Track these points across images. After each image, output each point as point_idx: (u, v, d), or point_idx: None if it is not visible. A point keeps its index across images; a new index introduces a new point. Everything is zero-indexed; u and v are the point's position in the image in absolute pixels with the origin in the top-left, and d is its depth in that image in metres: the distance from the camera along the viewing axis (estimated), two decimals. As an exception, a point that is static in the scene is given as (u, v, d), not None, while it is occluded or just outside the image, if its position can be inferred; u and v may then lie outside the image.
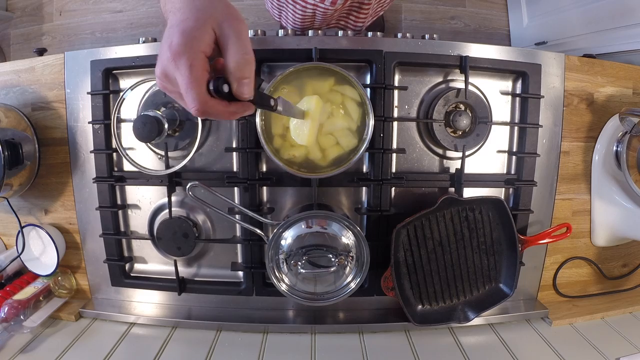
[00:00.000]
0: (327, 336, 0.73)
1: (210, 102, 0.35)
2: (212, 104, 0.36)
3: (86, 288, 0.80)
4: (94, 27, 1.72)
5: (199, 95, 0.34)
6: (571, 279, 0.84)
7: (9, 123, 0.72)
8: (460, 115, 0.69)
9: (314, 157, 0.64)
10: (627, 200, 0.79)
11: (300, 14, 0.86)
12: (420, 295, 0.73)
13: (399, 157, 0.73)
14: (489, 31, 1.71)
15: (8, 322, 0.67)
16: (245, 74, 0.36)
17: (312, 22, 0.90)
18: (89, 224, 0.77)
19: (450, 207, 0.70)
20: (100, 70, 0.70)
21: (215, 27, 0.35)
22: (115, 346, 0.69)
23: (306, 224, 0.64)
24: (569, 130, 0.78)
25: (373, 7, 0.89)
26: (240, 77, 0.36)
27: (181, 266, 0.76)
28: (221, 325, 0.74)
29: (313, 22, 0.91)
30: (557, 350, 0.69)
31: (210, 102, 0.35)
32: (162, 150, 0.71)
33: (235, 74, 0.36)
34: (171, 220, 0.72)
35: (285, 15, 0.92)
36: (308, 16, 0.86)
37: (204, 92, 0.35)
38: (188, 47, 0.34)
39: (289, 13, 0.89)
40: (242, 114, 0.39)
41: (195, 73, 0.34)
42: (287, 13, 0.90)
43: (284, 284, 0.65)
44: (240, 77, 0.36)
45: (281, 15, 0.95)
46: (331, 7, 0.80)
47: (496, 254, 0.74)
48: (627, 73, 0.80)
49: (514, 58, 0.73)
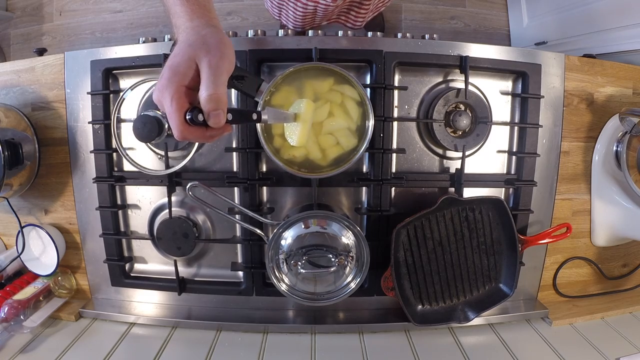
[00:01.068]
0: (327, 336, 0.73)
1: (189, 129, 0.41)
2: (190, 131, 0.41)
3: (86, 288, 0.80)
4: (94, 27, 1.72)
5: (178, 124, 0.40)
6: (571, 279, 0.84)
7: (9, 123, 0.72)
8: (460, 115, 0.69)
9: (314, 157, 0.64)
10: (627, 200, 0.79)
11: (301, 12, 0.86)
12: (420, 295, 0.73)
13: (399, 157, 0.73)
14: (489, 31, 1.71)
15: (8, 322, 0.68)
16: (213, 107, 0.40)
17: (312, 19, 0.90)
18: (89, 224, 0.77)
19: (450, 207, 0.70)
20: (100, 70, 0.70)
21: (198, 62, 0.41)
22: (115, 346, 0.69)
23: (306, 224, 0.64)
24: (569, 130, 0.78)
25: (374, 2, 0.89)
26: (209, 109, 0.40)
27: (181, 266, 0.76)
28: (221, 325, 0.74)
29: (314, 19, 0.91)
30: (557, 350, 0.69)
31: (189, 129, 0.41)
32: (162, 150, 0.71)
33: (205, 107, 0.40)
34: (171, 220, 0.72)
35: (286, 14, 0.92)
36: (309, 13, 0.87)
37: (182, 122, 0.40)
38: (172, 82, 0.40)
39: (290, 11, 0.89)
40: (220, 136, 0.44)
41: (174, 105, 0.39)
42: (287, 11, 0.90)
43: (284, 284, 0.65)
44: (209, 110, 0.40)
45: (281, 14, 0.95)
46: (332, 3, 0.80)
47: (496, 254, 0.74)
48: (627, 73, 0.80)
49: (514, 58, 0.73)
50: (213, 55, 0.41)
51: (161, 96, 0.40)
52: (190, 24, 0.44)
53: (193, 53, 0.41)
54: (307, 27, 0.95)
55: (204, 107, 0.41)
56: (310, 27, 0.96)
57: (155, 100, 0.42)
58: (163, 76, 0.40)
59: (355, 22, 0.95)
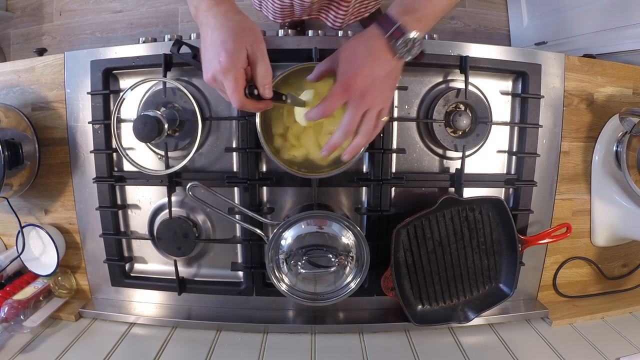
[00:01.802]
0: (327, 336, 0.73)
1: (247, 101, 0.50)
2: (247, 102, 0.50)
3: (86, 288, 0.80)
4: (94, 27, 1.72)
5: (240, 98, 0.49)
6: (571, 279, 0.84)
7: (9, 123, 0.72)
8: (460, 115, 0.69)
9: (314, 157, 0.64)
10: (627, 200, 0.79)
11: (279, 5, 0.89)
12: (420, 295, 0.73)
13: (399, 157, 0.73)
14: (489, 31, 1.71)
15: (8, 322, 0.67)
16: (267, 82, 0.50)
17: (291, 13, 0.93)
18: (89, 224, 0.77)
19: (450, 207, 0.70)
20: (100, 70, 0.70)
21: (249, 49, 0.48)
22: (115, 346, 0.69)
23: (306, 224, 0.64)
24: (569, 130, 0.78)
25: (353, 5, 0.89)
26: (264, 84, 0.50)
27: (181, 266, 0.76)
28: (221, 325, 0.74)
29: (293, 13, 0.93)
30: (557, 350, 0.69)
31: (246, 101, 0.50)
32: (162, 150, 0.71)
33: (261, 82, 0.50)
34: (171, 220, 0.72)
35: (266, 6, 0.96)
36: (286, 7, 0.89)
37: (243, 96, 0.49)
38: (233, 65, 0.47)
39: (269, 3, 0.92)
40: (265, 108, 0.53)
41: (239, 84, 0.48)
42: (267, 3, 0.94)
43: (284, 284, 0.65)
44: (264, 84, 0.50)
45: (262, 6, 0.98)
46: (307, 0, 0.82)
47: (496, 254, 0.74)
48: (627, 73, 0.80)
49: (514, 58, 0.73)
50: (259, 42, 0.49)
51: (223, 76, 0.47)
52: (218, 9, 0.48)
53: (244, 40, 0.48)
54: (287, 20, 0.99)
55: (261, 82, 0.49)
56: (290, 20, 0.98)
57: (210, 79, 0.49)
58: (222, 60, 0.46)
59: (335, 22, 0.96)
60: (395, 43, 0.49)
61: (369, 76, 0.50)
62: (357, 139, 0.53)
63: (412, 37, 0.48)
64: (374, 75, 0.50)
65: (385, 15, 0.50)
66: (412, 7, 0.49)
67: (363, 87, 0.50)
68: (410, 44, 0.49)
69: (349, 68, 0.50)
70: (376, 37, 0.50)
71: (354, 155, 0.54)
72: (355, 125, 0.52)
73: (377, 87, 0.51)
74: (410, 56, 0.50)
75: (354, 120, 0.51)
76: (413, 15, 0.49)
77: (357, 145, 0.53)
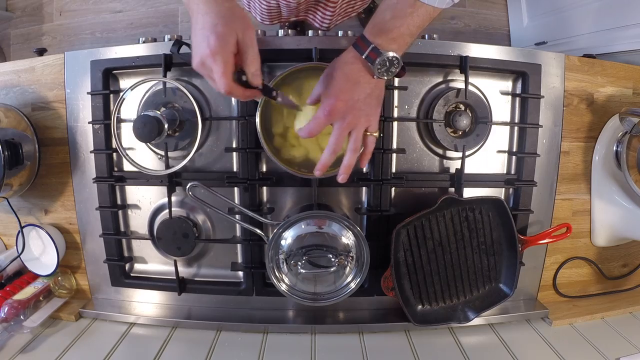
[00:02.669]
0: (327, 336, 0.73)
1: (234, 87, 0.49)
2: (235, 88, 0.49)
3: (86, 288, 0.80)
4: (94, 27, 1.72)
5: (228, 82, 0.47)
6: (571, 279, 0.84)
7: (9, 123, 0.72)
8: (460, 115, 0.69)
9: (314, 157, 0.64)
10: (627, 200, 0.79)
11: (266, 6, 0.89)
12: (420, 295, 0.73)
13: (399, 157, 0.73)
14: (489, 31, 1.71)
15: (8, 322, 0.68)
16: (255, 69, 0.50)
17: (278, 14, 0.93)
18: (89, 224, 0.77)
19: (450, 207, 0.70)
20: (100, 70, 0.70)
21: (239, 35, 0.48)
22: (115, 346, 0.69)
23: (306, 224, 0.64)
24: (569, 130, 0.78)
25: (340, 5, 0.89)
26: (253, 71, 0.50)
27: (181, 266, 0.76)
28: (221, 325, 0.74)
29: (280, 15, 0.93)
30: (557, 350, 0.69)
31: (234, 87, 0.49)
32: (162, 150, 0.71)
33: (250, 69, 0.49)
34: (171, 220, 0.72)
35: (254, 6, 0.96)
36: (273, 8, 0.89)
37: (231, 81, 0.48)
38: (223, 48, 0.46)
39: (256, 4, 0.92)
40: (252, 97, 0.53)
41: (228, 68, 0.47)
42: (254, 4, 0.94)
43: (284, 284, 0.65)
44: (252, 71, 0.50)
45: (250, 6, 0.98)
46: (293, 1, 0.82)
47: (496, 254, 0.74)
48: (627, 73, 0.80)
49: (514, 58, 0.73)
50: (249, 29, 0.49)
51: (212, 61, 0.46)
52: None
53: (233, 26, 0.47)
54: (274, 21, 0.99)
55: (250, 69, 0.49)
56: (278, 21, 0.99)
57: (198, 64, 0.48)
58: (211, 42, 0.46)
59: (322, 23, 0.96)
60: (372, 64, 0.50)
61: (349, 101, 0.51)
62: (345, 158, 0.54)
63: (389, 56, 0.49)
64: (354, 99, 0.51)
65: (361, 37, 0.51)
66: (386, 28, 0.50)
67: (343, 112, 0.51)
68: (388, 63, 0.50)
69: (330, 93, 0.51)
70: (352, 60, 0.51)
71: (348, 173, 0.54)
72: (341, 145, 0.53)
73: (359, 108, 0.52)
74: (390, 75, 0.51)
75: (339, 141, 0.52)
76: (388, 36, 0.50)
77: (347, 164, 0.54)
